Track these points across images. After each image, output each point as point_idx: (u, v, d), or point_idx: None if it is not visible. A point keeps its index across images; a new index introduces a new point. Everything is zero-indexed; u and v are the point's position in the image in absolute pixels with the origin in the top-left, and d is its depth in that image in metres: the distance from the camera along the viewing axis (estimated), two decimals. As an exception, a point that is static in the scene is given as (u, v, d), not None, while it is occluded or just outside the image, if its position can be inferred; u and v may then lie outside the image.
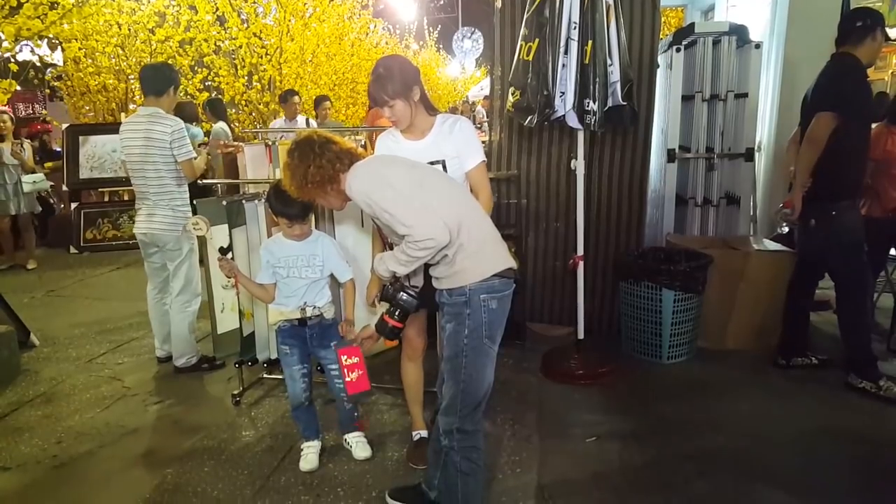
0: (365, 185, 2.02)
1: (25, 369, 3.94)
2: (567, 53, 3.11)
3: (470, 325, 2.01)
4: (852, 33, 3.14)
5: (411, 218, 1.91)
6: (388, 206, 1.95)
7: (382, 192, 1.98)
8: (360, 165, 2.10)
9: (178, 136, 3.55)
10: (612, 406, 3.23)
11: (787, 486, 2.52)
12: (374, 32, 14.67)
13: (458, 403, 2.06)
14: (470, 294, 2.00)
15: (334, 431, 2.93)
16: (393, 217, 1.94)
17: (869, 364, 3.25)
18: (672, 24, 10.73)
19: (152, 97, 3.63)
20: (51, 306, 5.43)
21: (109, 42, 8.64)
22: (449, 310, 2.07)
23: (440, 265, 2.04)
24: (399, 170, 2.10)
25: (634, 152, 3.98)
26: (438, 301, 2.13)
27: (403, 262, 1.99)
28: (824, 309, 4.18)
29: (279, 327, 2.69)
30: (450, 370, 2.08)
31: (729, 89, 4.37)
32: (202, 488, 2.61)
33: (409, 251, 1.94)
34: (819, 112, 3.09)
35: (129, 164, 3.65)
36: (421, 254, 1.94)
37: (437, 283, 2.11)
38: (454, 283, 2.02)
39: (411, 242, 1.91)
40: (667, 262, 3.74)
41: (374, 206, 1.98)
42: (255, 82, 9.50)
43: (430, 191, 2.03)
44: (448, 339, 2.08)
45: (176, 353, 3.81)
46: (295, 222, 2.54)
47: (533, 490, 2.53)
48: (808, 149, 3.14)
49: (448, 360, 2.09)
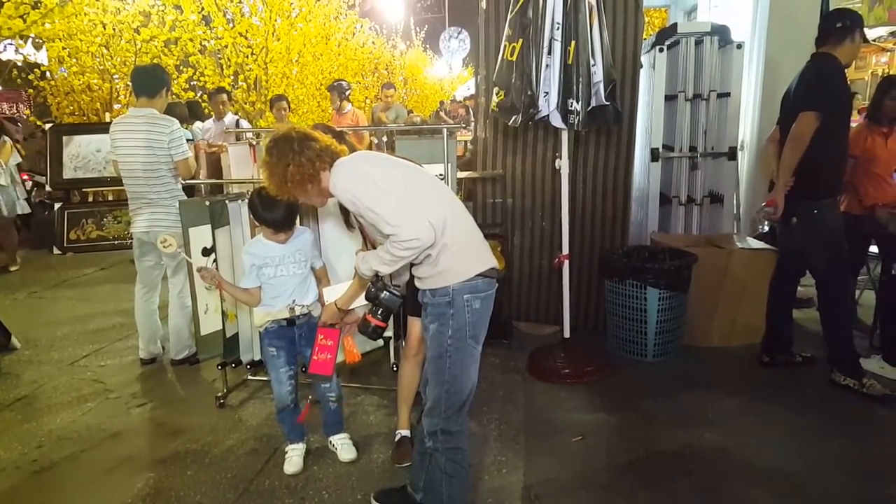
0: (349, 183, 1.98)
1: (6, 372, 3.89)
2: (550, 54, 3.12)
3: (454, 326, 2.00)
4: (832, 34, 3.17)
5: (396, 217, 1.88)
6: (372, 204, 1.92)
7: (367, 191, 1.94)
8: (344, 163, 2.06)
9: (176, 135, 3.63)
10: (598, 404, 3.24)
11: (773, 483, 2.54)
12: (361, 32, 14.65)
13: (442, 404, 2.05)
14: (453, 294, 1.99)
15: (319, 434, 2.91)
16: (378, 216, 1.91)
17: (851, 361, 3.28)
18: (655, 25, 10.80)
19: (145, 98, 3.66)
20: (33, 308, 5.37)
21: (94, 42, 8.56)
22: (432, 310, 2.05)
23: (423, 265, 2.03)
24: (383, 168, 2.07)
25: (618, 151, 4.00)
26: (421, 301, 2.11)
27: (387, 262, 1.97)
28: (808, 306, 4.23)
29: (265, 329, 2.67)
30: (433, 371, 2.07)
31: (711, 89, 4.40)
32: (185, 492, 2.58)
33: (393, 250, 1.91)
34: (802, 112, 3.12)
35: (124, 165, 3.65)
36: (405, 253, 1.91)
37: (419, 283, 2.09)
38: (437, 283, 2.01)
39: (396, 242, 1.88)
40: (651, 260, 3.76)
41: (359, 204, 1.95)
42: (241, 82, 9.46)
43: (414, 190, 2.01)
44: (432, 340, 2.07)
45: (174, 349, 3.87)
46: (280, 231, 2.53)
47: (519, 490, 2.53)
48: (791, 148, 3.16)
49: (432, 360, 2.08)
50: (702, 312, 3.86)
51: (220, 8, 8.84)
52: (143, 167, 3.60)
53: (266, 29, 9.31)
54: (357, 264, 2.12)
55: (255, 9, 9.28)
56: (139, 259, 3.86)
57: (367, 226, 2.10)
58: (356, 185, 1.97)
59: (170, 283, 3.85)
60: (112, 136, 3.67)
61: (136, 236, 3.78)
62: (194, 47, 9.07)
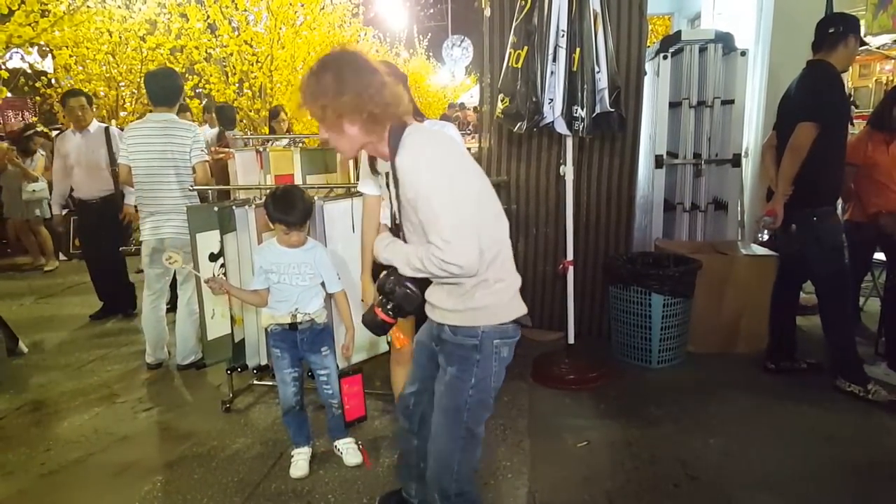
0: (424, 164, 1.63)
1: (14, 377, 3.91)
2: (555, 61, 3.14)
3: (478, 375, 1.76)
4: (825, 40, 3.18)
5: (453, 233, 1.58)
6: (438, 205, 1.59)
7: (439, 186, 1.61)
8: (425, 139, 1.68)
9: (197, 140, 3.70)
10: (603, 411, 3.24)
11: (777, 490, 2.53)
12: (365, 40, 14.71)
13: (456, 464, 1.82)
14: (483, 337, 1.74)
15: (324, 438, 2.92)
16: (436, 221, 1.59)
17: (855, 367, 3.28)
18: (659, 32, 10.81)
19: (164, 108, 3.72)
20: (40, 313, 5.39)
21: (100, 49, 8.62)
22: (453, 350, 1.78)
23: (449, 295, 1.76)
24: (465, 170, 1.72)
25: (623, 158, 4.02)
26: (437, 336, 1.84)
27: (413, 268, 1.69)
28: (812, 313, 4.21)
29: (271, 330, 2.69)
30: (445, 424, 1.82)
31: (715, 96, 4.42)
32: (191, 496, 2.59)
33: (427, 263, 1.62)
34: (801, 122, 3.13)
35: (140, 171, 3.69)
36: (438, 273, 1.63)
37: (439, 314, 1.82)
38: (466, 320, 1.75)
39: (435, 258, 1.59)
40: (655, 266, 3.77)
41: (422, 194, 1.61)
42: (246, 90, 9.51)
43: (482, 211, 1.70)
44: (448, 387, 1.79)
45: (180, 354, 3.90)
46: (293, 229, 2.54)
47: (524, 494, 2.53)
48: (790, 157, 3.17)
49: (444, 411, 1.82)
50: (706, 319, 3.86)
51: (225, 16, 8.90)
52: (161, 173, 3.65)
53: (271, 37, 9.36)
54: (377, 247, 1.82)
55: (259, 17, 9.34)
56: (148, 266, 3.88)
57: (408, 213, 1.73)
58: (431, 172, 1.63)
59: (179, 290, 3.91)
60: (127, 140, 3.71)
61: (150, 243, 3.79)
62: (200, 55, 9.13)
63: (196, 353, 3.86)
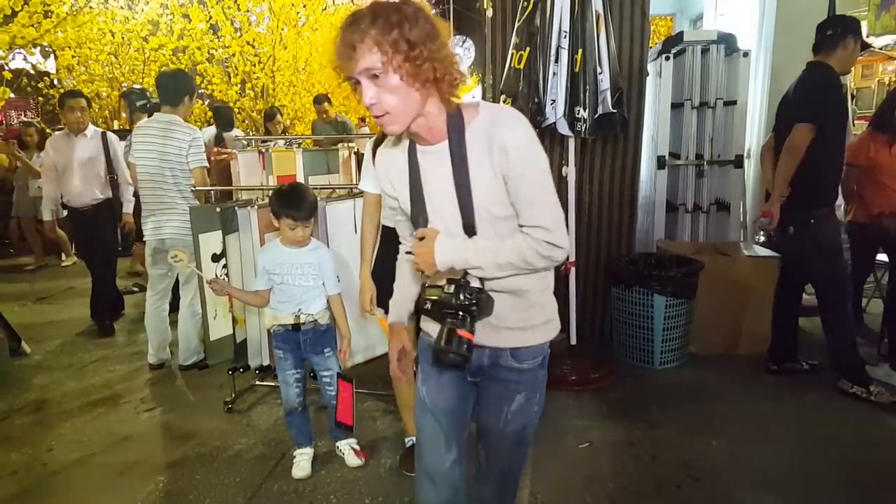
0: (538, 143, 1.40)
1: (17, 377, 3.92)
2: (558, 62, 3.14)
3: (541, 389, 1.60)
4: (824, 42, 3.18)
5: (557, 215, 1.41)
6: (548, 184, 1.41)
7: (546, 167, 1.41)
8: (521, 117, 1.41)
9: (195, 143, 3.66)
10: (605, 412, 3.24)
11: (780, 491, 2.53)
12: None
13: (515, 486, 1.78)
14: (546, 353, 1.56)
15: (326, 438, 2.92)
16: (545, 201, 1.40)
17: (857, 368, 3.28)
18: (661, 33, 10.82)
19: (168, 107, 3.71)
20: (42, 314, 5.40)
21: (103, 50, 8.66)
22: (518, 378, 1.55)
23: (514, 310, 1.48)
24: None
25: (625, 159, 4.01)
26: (491, 363, 1.55)
27: (502, 265, 1.40)
28: (814, 314, 4.21)
29: (274, 331, 2.70)
30: (514, 443, 1.66)
31: (718, 97, 4.42)
32: (194, 496, 2.60)
33: (528, 253, 1.39)
34: (798, 123, 3.13)
35: (142, 171, 3.71)
36: (539, 262, 1.41)
37: (495, 337, 1.50)
38: (536, 337, 1.52)
39: (545, 242, 1.38)
40: (658, 267, 3.76)
41: (532, 175, 1.38)
42: (248, 90, 9.54)
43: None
44: (514, 415, 1.59)
45: (183, 355, 3.90)
46: (299, 224, 2.53)
47: (525, 495, 2.53)
48: (787, 159, 3.17)
49: (513, 433, 1.63)
50: (708, 320, 3.86)
51: (227, 17, 8.93)
52: (157, 173, 3.65)
53: (273, 38, 9.40)
54: (439, 249, 1.42)
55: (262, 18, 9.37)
56: (151, 266, 3.89)
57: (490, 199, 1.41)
58: (541, 153, 1.40)
59: (181, 290, 3.90)
60: (133, 139, 3.77)
61: (152, 244, 3.80)
62: (202, 56, 9.16)
63: (198, 353, 3.86)
